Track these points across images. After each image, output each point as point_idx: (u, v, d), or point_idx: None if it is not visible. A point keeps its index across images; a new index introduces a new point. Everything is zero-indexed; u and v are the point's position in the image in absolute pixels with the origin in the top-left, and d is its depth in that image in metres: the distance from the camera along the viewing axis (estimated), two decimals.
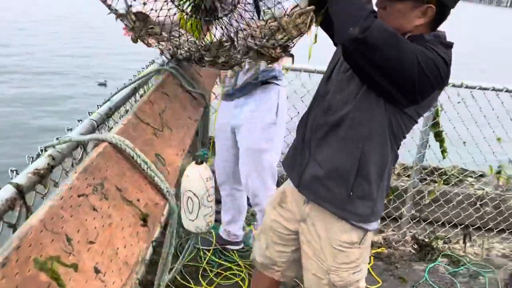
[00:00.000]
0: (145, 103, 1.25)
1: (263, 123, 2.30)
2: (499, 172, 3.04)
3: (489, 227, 3.17)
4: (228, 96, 2.38)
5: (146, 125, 1.16)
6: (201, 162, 1.93)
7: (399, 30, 1.34)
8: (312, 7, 1.38)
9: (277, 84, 2.31)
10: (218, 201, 3.17)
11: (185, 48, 1.51)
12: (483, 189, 3.17)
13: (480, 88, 2.73)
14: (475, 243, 3.15)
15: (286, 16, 1.37)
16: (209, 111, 2.77)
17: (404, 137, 1.55)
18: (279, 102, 2.32)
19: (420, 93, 1.35)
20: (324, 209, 1.56)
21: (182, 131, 1.35)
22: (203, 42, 1.49)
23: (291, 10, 1.39)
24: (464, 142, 2.88)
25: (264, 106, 2.30)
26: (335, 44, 1.63)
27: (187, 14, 1.45)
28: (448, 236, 3.15)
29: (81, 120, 1.23)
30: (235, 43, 1.42)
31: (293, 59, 2.50)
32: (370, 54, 1.28)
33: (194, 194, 1.90)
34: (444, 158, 2.83)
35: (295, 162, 1.66)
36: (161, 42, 1.48)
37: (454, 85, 2.67)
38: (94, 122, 1.23)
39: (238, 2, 1.46)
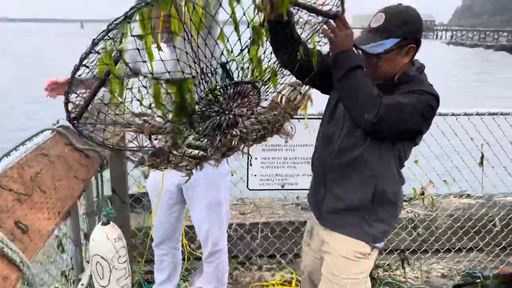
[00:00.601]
0: (11, 168, 1.17)
1: (220, 177, 2.29)
2: (423, 194, 3.14)
3: (423, 248, 3.22)
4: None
5: (8, 192, 1.08)
6: (108, 222, 1.84)
7: (390, 73, 1.58)
8: (310, 89, 1.53)
9: None
10: (150, 261, 3.03)
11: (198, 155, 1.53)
12: (413, 211, 3.25)
13: None
14: (414, 267, 3.18)
15: (287, 102, 1.47)
16: (125, 170, 2.69)
17: (407, 159, 1.76)
18: None
19: (425, 128, 1.60)
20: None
21: (62, 193, 1.27)
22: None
23: (289, 94, 1.48)
24: None
25: None
26: (325, 93, 1.80)
27: (205, 135, 1.44)
28: (388, 263, 3.16)
29: None
30: (246, 140, 1.49)
31: None
32: (384, 127, 1.50)
33: (103, 258, 1.79)
34: None
35: (313, 198, 1.86)
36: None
37: None
38: None
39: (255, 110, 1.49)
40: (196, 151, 1.43)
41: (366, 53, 1.56)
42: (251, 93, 1.38)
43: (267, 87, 1.42)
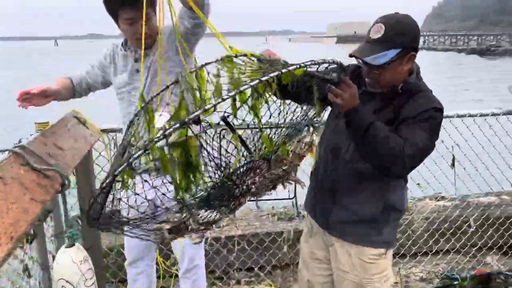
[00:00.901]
0: None
1: None
2: None
3: (402, 253, 3.22)
4: (146, 171, 2.24)
5: None
6: (72, 244, 1.77)
7: (393, 82, 1.60)
8: (314, 138, 1.51)
9: None
10: (123, 280, 2.94)
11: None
12: None
13: None
14: (393, 272, 3.17)
15: (294, 154, 1.46)
16: (94, 188, 2.61)
17: None
18: None
19: (434, 143, 1.62)
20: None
21: (15, 216, 1.21)
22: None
23: (295, 147, 1.47)
24: None
25: None
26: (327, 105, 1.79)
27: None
28: None
29: None
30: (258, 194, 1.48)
31: None
32: (409, 171, 1.60)
33: (68, 282, 1.71)
34: None
35: (315, 207, 1.86)
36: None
37: None
38: None
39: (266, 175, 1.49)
40: (212, 216, 1.43)
41: (369, 65, 1.57)
42: (262, 165, 1.40)
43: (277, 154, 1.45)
